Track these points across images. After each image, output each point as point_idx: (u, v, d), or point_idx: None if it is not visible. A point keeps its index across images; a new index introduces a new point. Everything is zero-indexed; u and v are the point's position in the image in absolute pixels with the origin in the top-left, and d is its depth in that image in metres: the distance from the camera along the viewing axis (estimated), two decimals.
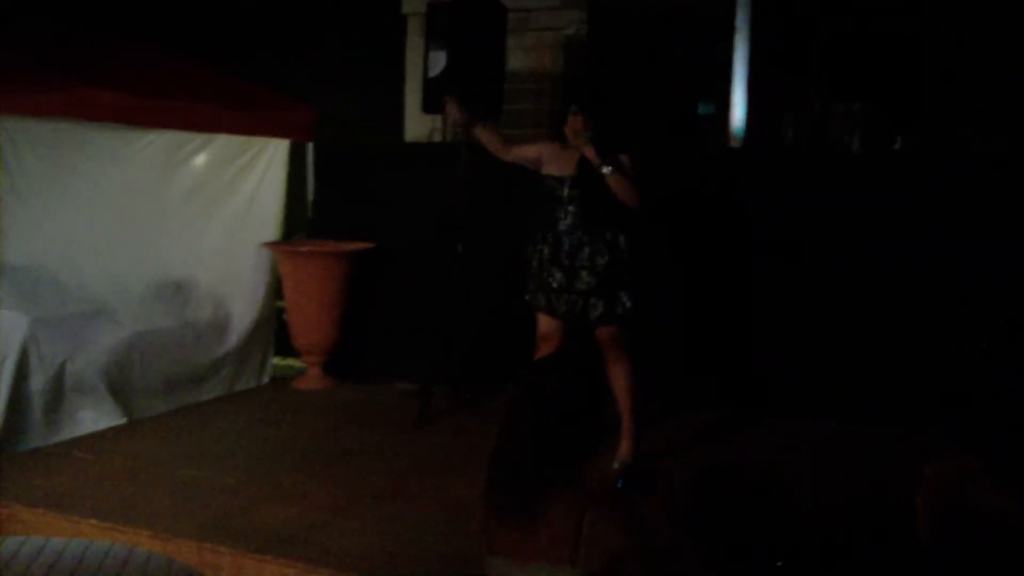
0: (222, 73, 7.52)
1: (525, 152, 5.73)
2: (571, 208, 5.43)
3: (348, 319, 7.42)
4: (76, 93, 5.90)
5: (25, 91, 5.57)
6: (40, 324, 5.89)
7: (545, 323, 5.60)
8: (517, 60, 7.98)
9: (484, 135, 5.85)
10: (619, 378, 5.52)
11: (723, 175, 6.85)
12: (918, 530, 2.46)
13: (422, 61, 6.80)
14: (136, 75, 6.64)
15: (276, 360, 7.87)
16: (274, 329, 7.64)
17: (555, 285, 5.47)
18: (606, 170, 5.25)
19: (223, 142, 7.19)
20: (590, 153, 5.30)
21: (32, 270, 6.05)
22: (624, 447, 5.55)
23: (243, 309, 7.39)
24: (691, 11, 7.92)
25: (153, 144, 6.73)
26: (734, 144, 7.65)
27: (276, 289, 7.58)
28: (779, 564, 4.06)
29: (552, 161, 5.54)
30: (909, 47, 7.61)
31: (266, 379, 7.62)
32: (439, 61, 6.60)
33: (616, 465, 5.45)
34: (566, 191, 5.43)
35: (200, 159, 7.12)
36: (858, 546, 4.37)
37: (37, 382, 5.86)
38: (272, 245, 7.48)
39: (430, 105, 6.78)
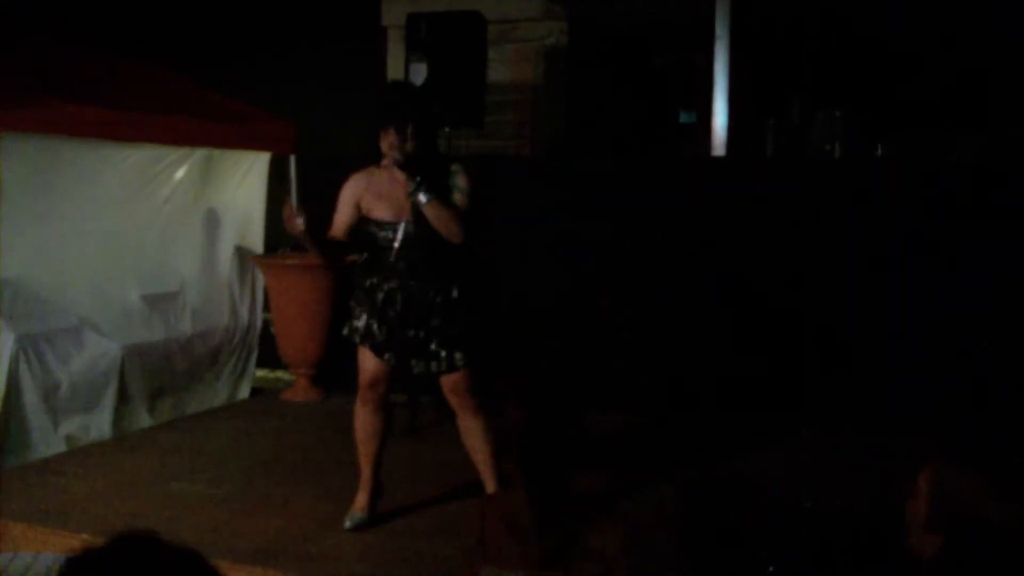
0: (202, 86, 7.52)
1: (343, 216, 4.80)
2: (411, 256, 4.59)
3: (335, 331, 7.41)
4: (57, 109, 5.89)
5: (5, 107, 5.56)
6: (26, 339, 5.89)
7: (373, 363, 4.80)
8: (498, 71, 8.00)
9: (314, 246, 4.77)
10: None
11: (705, 183, 6.88)
12: (907, 538, 2.47)
13: (403, 73, 6.83)
14: (116, 89, 6.63)
15: (264, 372, 7.87)
16: (257, 341, 7.64)
17: (404, 347, 4.70)
18: (423, 197, 4.45)
19: (204, 155, 7.20)
20: (404, 178, 4.53)
21: (16, 285, 6.04)
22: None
23: (228, 322, 7.39)
24: (671, 20, 7.96)
25: (134, 158, 6.73)
26: (716, 152, 7.69)
27: (261, 302, 7.59)
28: (771, 570, 4.07)
29: (376, 200, 4.71)
30: (889, 54, 7.66)
31: (246, 393, 7.60)
32: (420, 73, 6.62)
33: None
34: (403, 235, 4.58)
35: (181, 173, 7.12)
36: (850, 553, 4.39)
37: (25, 398, 5.85)
38: (258, 258, 7.50)
39: None
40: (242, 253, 7.52)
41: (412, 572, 4.42)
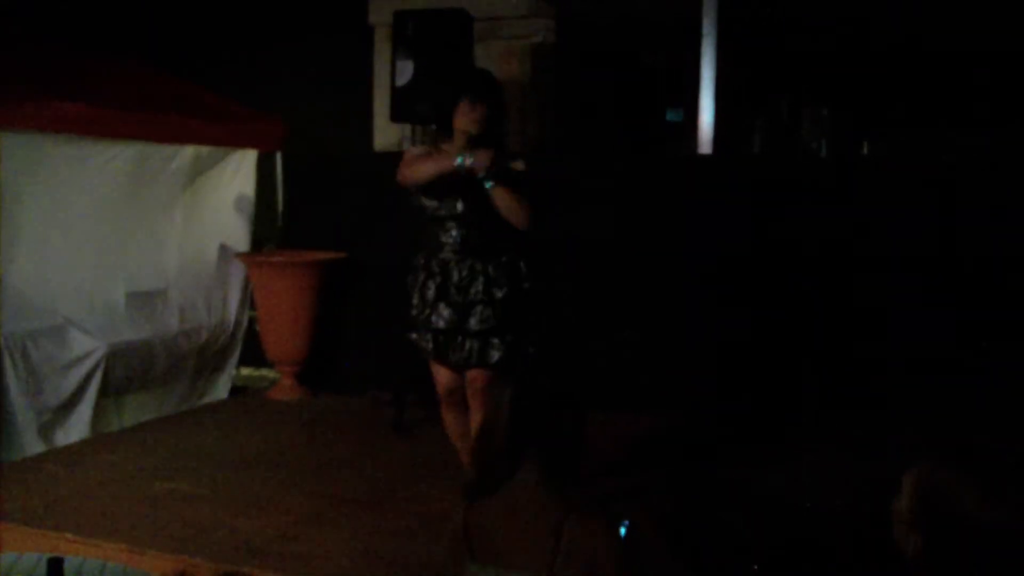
0: (189, 84, 7.51)
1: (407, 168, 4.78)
2: (458, 231, 4.69)
3: (321, 329, 7.41)
4: (42, 105, 5.88)
5: None
6: (11, 338, 5.86)
7: (444, 374, 4.89)
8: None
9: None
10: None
11: (691, 181, 6.88)
12: (894, 537, 2.47)
13: (389, 70, 6.82)
14: (103, 86, 6.62)
15: (249, 371, 7.86)
16: (242, 340, 7.63)
17: (443, 325, 4.71)
18: (493, 182, 4.54)
19: (191, 153, 7.17)
20: (480, 159, 4.52)
21: (1, 284, 6.01)
22: None
23: (214, 320, 7.37)
24: (658, 18, 7.95)
25: (121, 155, 6.68)
26: (703, 151, 7.68)
27: (247, 300, 7.58)
28: (755, 568, 4.08)
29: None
30: (876, 52, 7.68)
31: (225, 393, 7.59)
32: (406, 70, 6.62)
33: None
34: (453, 209, 4.67)
35: (168, 170, 7.09)
36: (838, 552, 4.40)
37: (9, 396, 5.83)
38: (243, 256, 7.49)
39: (398, 114, 6.80)
40: (228, 251, 7.51)
41: (396, 571, 4.41)
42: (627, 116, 8.70)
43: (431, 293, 4.74)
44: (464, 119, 4.66)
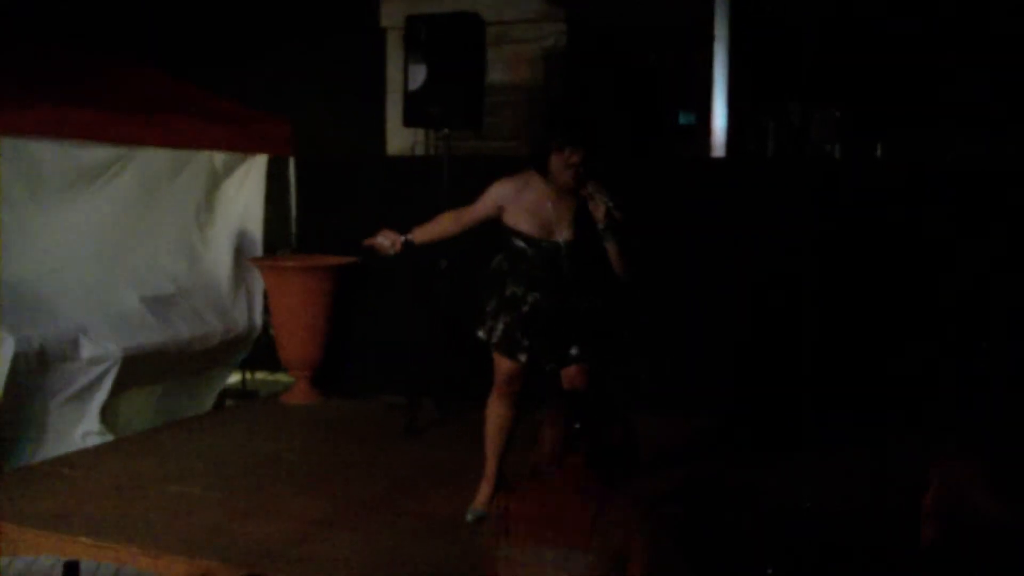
0: (200, 88, 7.52)
1: (480, 211, 4.81)
2: (558, 275, 4.64)
3: (334, 333, 7.41)
4: (54, 111, 5.90)
5: (2, 110, 5.57)
6: (25, 343, 5.88)
7: (510, 365, 4.85)
8: (496, 73, 8.00)
9: (422, 237, 5.02)
10: None
11: (705, 184, 6.87)
12: (922, 531, 2.49)
13: (402, 75, 6.83)
14: (114, 92, 6.64)
15: (264, 375, 7.87)
16: (255, 344, 7.65)
17: (546, 353, 4.74)
18: (610, 237, 4.51)
19: (202, 157, 7.20)
20: (600, 212, 4.47)
21: (14, 289, 6.03)
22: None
23: (227, 324, 7.38)
24: (670, 21, 7.95)
25: (132, 161, 6.71)
26: (715, 154, 7.68)
27: (261, 304, 7.60)
28: (769, 572, 4.07)
29: (527, 213, 4.66)
30: (887, 54, 7.66)
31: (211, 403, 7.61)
32: (419, 74, 6.63)
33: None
34: (560, 259, 4.63)
35: (179, 175, 7.12)
36: (858, 549, 4.39)
37: (23, 401, 5.85)
38: (256, 260, 7.50)
39: (411, 118, 6.81)
40: (241, 255, 7.53)
41: (410, 574, 4.41)
42: (639, 119, 8.69)
43: (539, 330, 4.71)
44: (560, 163, 4.52)
